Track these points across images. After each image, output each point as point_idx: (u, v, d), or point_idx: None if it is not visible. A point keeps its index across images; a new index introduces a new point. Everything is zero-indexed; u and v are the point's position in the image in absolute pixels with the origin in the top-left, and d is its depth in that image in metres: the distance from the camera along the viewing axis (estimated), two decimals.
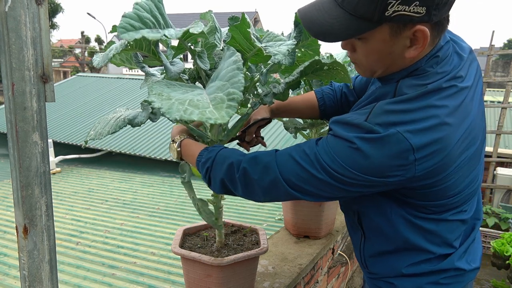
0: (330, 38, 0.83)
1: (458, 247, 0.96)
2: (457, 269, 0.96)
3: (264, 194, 0.92)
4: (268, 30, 1.23)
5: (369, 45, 0.84)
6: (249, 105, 1.57)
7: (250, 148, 1.32)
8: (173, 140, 1.16)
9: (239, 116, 1.31)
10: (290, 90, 1.32)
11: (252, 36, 1.05)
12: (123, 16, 0.85)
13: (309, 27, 0.84)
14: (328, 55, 1.78)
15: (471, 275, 1.00)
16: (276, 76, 1.93)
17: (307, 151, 0.87)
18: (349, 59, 2.13)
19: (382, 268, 1.01)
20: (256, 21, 30.02)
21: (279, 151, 0.93)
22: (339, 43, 0.89)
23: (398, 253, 0.97)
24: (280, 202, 2.56)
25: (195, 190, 1.28)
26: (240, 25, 1.05)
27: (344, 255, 2.45)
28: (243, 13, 1.05)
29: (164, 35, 0.89)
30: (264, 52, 1.03)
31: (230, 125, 1.27)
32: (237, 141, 1.32)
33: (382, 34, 0.81)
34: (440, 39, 0.86)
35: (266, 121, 1.31)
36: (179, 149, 1.12)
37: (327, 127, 2.06)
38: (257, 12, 31.10)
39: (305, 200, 0.91)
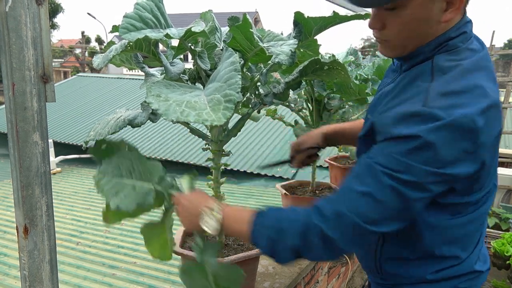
0: (368, 3, 0.82)
1: (473, 249, 0.93)
2: (475, 271, 0.92)
3: (348, 247, 0.82)
4: (268, 30, 1.23)
5: (406, 13, 0.80)
6: (250, 105, 1.57)
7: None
8: (210, 207, 0.89)
9: (240, 116, 1.30)
10: (291, 90, 1.31)
11: (255, 36, 1.05)
12: (124, 17, 0.86)
13: None
14: (329, 55, 1.78)
15: (484, 276, 0.96)
16: (276, 75, 1.93)
17: (364, 173, 0.78)
18: (349, 59, 2.14)
19: (399, 274, 0.94)
20: (256, 21, 30.01)
21: (338, 193, 0.82)
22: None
23: (420, 258, 0.91)
24: (280, 201, 2.56)
25: None
26: (241, 25, 1.05)
27: (345, 255, 2.45)
28: (244, 14, 1.05)
29: (167, 34, 0.89)
30: (267, 52, 1.03)
31: (230, 125, 1.27)
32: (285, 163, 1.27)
33: None
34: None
35: (316, 150, 1.25)
36: (221, 219, 0.88)
37: None
38: (257, 12, 31.09)
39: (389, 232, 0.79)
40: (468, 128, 0.72)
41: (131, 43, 0.95)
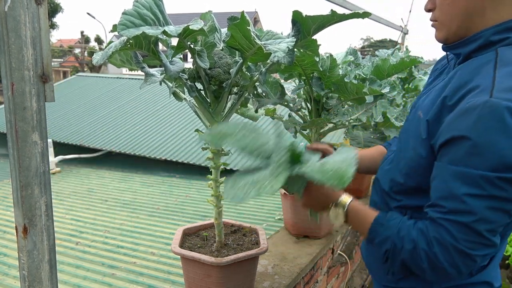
0: None
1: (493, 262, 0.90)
2: (485, 282, 0.89)
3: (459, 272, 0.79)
4: (269, 30, 1.23)
5: None
6: (249, 105, 1.57)
7: None
8: (335, 204, 0.95)
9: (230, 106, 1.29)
10: (290, 91, 1.30)
11: (252, 34, 1.05)
12: (123, 13, 0.86)
13: None
14: (327, 55, 1.78)
15: None
16: (276, 76, 1.93)
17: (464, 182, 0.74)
18: (349, 58, 2.14)
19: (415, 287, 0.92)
20: (256, 21, 30.00)
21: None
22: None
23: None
24: (280, 201, 2.56)
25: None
26: (239, 23, 1.05)
27: (344, 255, 2.45)
28: (242, 12, 1.06)
29: (164, 31, 0.90)
30: (264, 49, 1.03)
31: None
32: None
33: None
34: None
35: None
36: (344, 214, 0.94)
37: (328, 127, 2.06)
38: (257, 12, 31.09)
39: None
40: None
41: (131, 41, 0.96)
